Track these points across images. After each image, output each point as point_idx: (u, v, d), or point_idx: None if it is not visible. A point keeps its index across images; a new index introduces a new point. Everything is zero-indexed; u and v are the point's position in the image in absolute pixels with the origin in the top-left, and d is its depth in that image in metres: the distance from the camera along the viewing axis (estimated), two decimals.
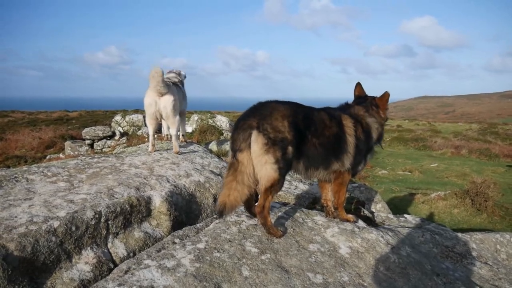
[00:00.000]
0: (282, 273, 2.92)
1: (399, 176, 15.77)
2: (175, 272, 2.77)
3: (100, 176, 4.50)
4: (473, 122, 57.90)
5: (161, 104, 5.60)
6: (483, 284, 3.45)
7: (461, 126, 47.56)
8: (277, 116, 3.17)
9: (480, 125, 48.04)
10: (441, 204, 10.34)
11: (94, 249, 3.35)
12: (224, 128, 13.73)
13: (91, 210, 3.50)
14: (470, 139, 30.63)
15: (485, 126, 45.17)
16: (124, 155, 5.81)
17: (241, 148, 3.14)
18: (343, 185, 3.72)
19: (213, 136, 12.43)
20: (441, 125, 46.54)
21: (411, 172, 16.37)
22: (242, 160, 3.14)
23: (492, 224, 9.27)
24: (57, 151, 14.28)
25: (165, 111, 5.64)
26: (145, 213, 3.97)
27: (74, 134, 16.48)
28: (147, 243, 3.73)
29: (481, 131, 38.40)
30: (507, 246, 6.65)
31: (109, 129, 13.37)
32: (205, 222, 3.74)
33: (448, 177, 15.51)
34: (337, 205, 3.86)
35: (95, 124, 18.75)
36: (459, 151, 23.27)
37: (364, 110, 3.78)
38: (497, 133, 36.39)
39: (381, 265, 3.26)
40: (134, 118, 15.32)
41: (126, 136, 13.29)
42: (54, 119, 31.01)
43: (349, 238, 3.55)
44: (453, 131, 38.90)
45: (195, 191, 4.71)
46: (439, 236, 4.14)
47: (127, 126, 15.06)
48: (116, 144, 12.57)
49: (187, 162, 5.46)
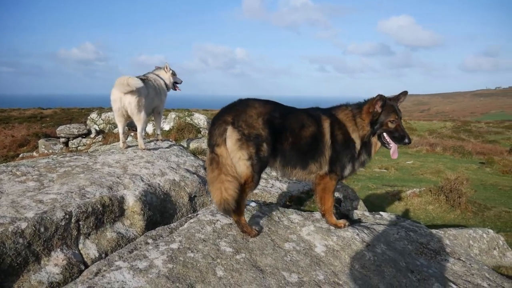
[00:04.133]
0: (257, 273, 2.89)
1: (376, 173, 15.96)
2: (148, 273, 2.71)
3: (71, 175, 4.38)
4: (448, 120, 59.08)
5: (125, 101, 5.64)
6: (457, 280, 3.49)
7: (436, 124, 48.48)
8: (252, 113, 3.17)
9: (454, 123, 49.08)
10: (416, 201, 10.50)
11: (64, 250, 3.26)
12: (202, 126, 13.61)
13: (61, 211, 3.39)
14: (445, 136, 31.26)
15: (459, 124, 46.18)
16: (97, 153, 5.69)
17: (218, 142, 3.12)
18: (326, 191, 3.63)
19: (191, 134, 12.31)
20: (416, 123, 47.31)
21: (387, 169, 16.60)
22: (221, 154, 3.12)
23: (465, 220, 9.46)
24: (31, 149, 13.94)
25: (130, 107, 5.66)
26: (118, 213, 3.88)
27: (49, 132, 16.12)
28: (120, 244, 3.65)
29: (455, 129, 39.25)
30: (480, 241, 6.80)
31: (84, 127, 13.09)
32: (179, 222, 3.68)
33: (423, 174, 15.79)
34: (324, 211, 3.76)
35: (70, 122, 18.38)
36: (434, 149, 23.71)
37: (346, 112, 3.63)
38: (470, 131, 37.25)
39: (356, 263, 3.26)
40: (110, 116, 15.04)
41: (102, 134, 13.05)
42: (28, 116, 30.25)
43: (325, 236, 3.54)
44: (428, 129, 39.62)
45: (170, 190, 4.64)
46: (414, 233, 4.17)
47: (103, 123, 14.80)
48: (92, 142, 12.34)
49: (162, 161, 5.37)
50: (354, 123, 3.59)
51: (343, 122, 3.58)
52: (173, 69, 6.86)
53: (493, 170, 17.37)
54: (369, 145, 3.63)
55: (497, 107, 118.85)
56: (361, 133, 3.58)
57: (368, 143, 3.62)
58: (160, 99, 6.61)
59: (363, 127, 3.57)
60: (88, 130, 12.98)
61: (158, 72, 6.73)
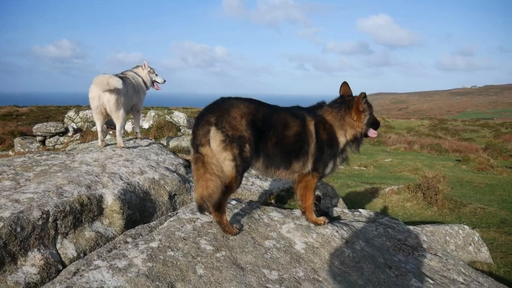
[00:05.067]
0: (237, 270, 2.90)
1: (355, 171, 16.13)
2: (127, 272, 2.68)
3: (49, 174, 4.32)
4: (425, 118, 60.03)
5: (104, 98, 5.60)
6: (433, 275, 3.56)
7: (413, 122, 49.21)
8: (235, 114, 3.14)
9: (431, 121, 49.91)
10: (395, 198, 10.66)
11: (42, 250, 3.20)
12: (182, 124, 13.52)
13: (38, 210, 3.34)
14: (422, 134, 31.78)
15: (436, 122, 47.01)
16: (75, 152, 5.61)
17: (202, 142, 3.10)
18: (308, 189, 3.66)
19: (171, 132, 12.23)
20: (395, 121, 47.98)
21: (366, 167, 16.79)
22: (206, 153, 3.09)
23: (442, 217, 9.65)
24: (6, 148, 13.63)
25: (108, 105, 5.63)
26: (96, 212, 3.83)
27: (25, 130, 15.77)
28: (99, 243, 3.61)
29: (432, 127, 39.93)
30: (456, 237, 6.94)
31: (62, 125, 12.86)
32: (159, 220, 3.66)
33: (401, 171, 16.02)
34: (304, 208, 3.78)
35: (47, 120, 18.05)
36: (412, 147, 24.09)
37: (332, 111, 3.67)
38: (447, 129, 37.94)
39: (336, 260, 3.30)
40: (88, 114, 14.81)
41: (80, 132, 12.85)
42: (3, 114, 29.55)
43: (305, 233, 3.56)
44: (406, 127, 40.21)
45: (149, 189, 4.60)
46: (392, 230, 4.23)
47: (81, 122, 14.57)
48: (69, 141, 12.14)
49: (142, 159, 5.33)
50: (342, 122, 3.65)
51: (330, 122, 3.63)
52: (152, 67, 6.80)
53: (469, 167, 17.73)
54: (360, 141, 3.77)
55: (472, 106, 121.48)
56: (353, 132, 3.67)
57: (360, 139, 3.75)
58: (138, 97, 6.55)
59: (356, 126, 3.66)
60: (65, 129, 12.77)
61: (137, 70, 6.67)
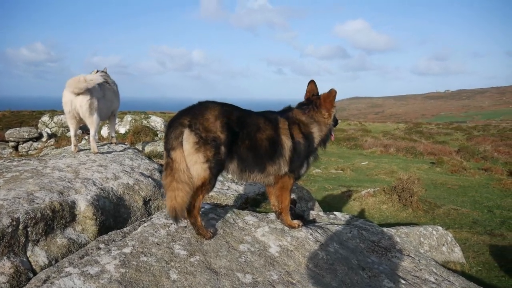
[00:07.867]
0: (211, 275, 2.90)
1: (332, 174, 16.27)
2: (99, 278, 2.65)
3: (19, 181, 4.23)
4: (400, 122, 61.04)
5: (77, 103, 5.48)
6: (406, 275, 3.62)
7: (389, 126, 49.98)
8: (209, 116, 3.15)
9: (407, 124, 50.81)
10: (371, 201, 10.78)
11: (11, 258, 3.13)
12: (159, 129, 13.45)
13: (7, 217, 3.26)
14: (398, 138, 32.26)
15: (411, 126, 47.86)
16: (47, 157, 5.51)
17: (173, 146, 3.10)
18: (284, 190, 3.68)
19: (148, 137, 12.15)
20: (371, 125, 48.64)
21: (343, 170, 16.96)
22: (175, 158, 3.10)
23: (417, 218, 9.81)
24: None
25: (81, 110, 5.51)
26: (69, 218, 3.77)
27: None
28: (71, 250, 3.56)
29: (407, 131, 40.61)
30: (430, 238, 7.07)
31: (35, 130, 12.64)
32: (132, 226, 3.62)
33: (378, 174, 16.24)
34: (281, 210, 3.79)
35: (20, 125, 17.68)
36: (388, 150, 24.44)
37: (303, 112, 3.71)
38: (421, 132, 38.63)
39: (310, 262, 3.33)
40: (63, 119, 14.59)
41: (55, 138, 12.65)
42: None
43: (279, 237, 3.58)
44: (382, 131, 40.79)
45: (123, 194, 4.56)
46: (366, 232, 4.29)
47: (56, 127, 14.33)
48: (43, 146, 11.93)
49: (116, 164, 5.27)
50: (314, 120, 3.70)
51: (304, 122, 3.67)
52: None
53: (443, 169, 18.08)
54: (329, 137, 3.84)
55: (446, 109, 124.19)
56: (325, 128, 3.74)
57: (328, 135, 3.82)
58: (119, 101, 6.52)
59: (325, 123, 3.73)
60: (39, 134, 12.54)
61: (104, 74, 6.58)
